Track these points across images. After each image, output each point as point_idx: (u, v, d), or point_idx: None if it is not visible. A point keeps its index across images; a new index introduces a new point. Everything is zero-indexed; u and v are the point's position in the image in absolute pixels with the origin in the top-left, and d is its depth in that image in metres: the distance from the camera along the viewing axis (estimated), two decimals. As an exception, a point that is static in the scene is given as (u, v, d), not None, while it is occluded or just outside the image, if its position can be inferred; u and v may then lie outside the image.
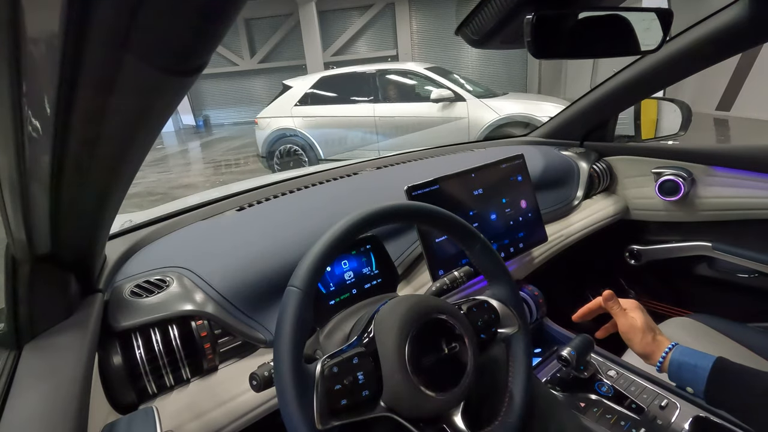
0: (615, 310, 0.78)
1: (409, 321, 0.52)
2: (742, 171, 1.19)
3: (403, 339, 0.51)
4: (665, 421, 0.79)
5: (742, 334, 0.96)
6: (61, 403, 0.44)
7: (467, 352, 0.55)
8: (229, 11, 0.25)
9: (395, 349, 0.51)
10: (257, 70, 14.75)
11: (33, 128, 0.30)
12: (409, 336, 0.51)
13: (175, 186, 6.47)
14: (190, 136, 13.58)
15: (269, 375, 0.53)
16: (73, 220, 0.45)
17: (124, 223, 0.91)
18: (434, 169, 1.14)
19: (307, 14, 12.52)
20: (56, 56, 0.24)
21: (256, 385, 0.53)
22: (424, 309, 0.54)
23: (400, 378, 0.50)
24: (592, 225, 1.29)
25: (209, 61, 0.28)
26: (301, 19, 12.58)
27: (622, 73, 1.24)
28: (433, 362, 0.53)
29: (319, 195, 1.03)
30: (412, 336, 0.52)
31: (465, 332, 0.56)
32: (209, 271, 0.69)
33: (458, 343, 0.55)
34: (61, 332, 0.53)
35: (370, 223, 0.56)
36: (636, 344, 0.75)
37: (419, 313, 0.53)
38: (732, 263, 1.24)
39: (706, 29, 1.00)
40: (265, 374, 0.53)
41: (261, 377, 0.53)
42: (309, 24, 12.61)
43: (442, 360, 0.54)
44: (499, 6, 0.63)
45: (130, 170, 0.42)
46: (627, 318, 0.76)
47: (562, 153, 1.39)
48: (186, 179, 7.04)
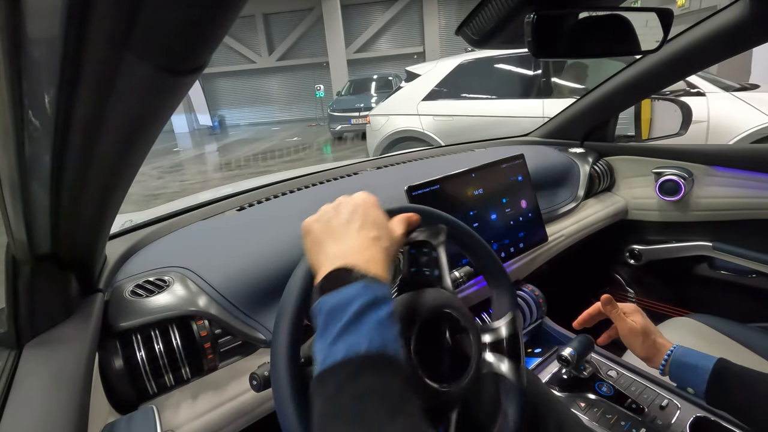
0: (614, 314, 0.78)
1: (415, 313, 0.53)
2: (743, 171, 1.19)
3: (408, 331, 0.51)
4: (665, 421, 0.78)
5: (743, 334, 0.96)
6: (61, 403, 0.44)
7: (471, 345, 0.56)
8: (229, 11, 0.25)
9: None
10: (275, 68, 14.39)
11: (33, 128, 0.30)
12: (415, 328, 0.51)
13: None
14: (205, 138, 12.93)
15: (269, 375, 0.53)
16: (73, 219, 0.45)
17: (125, 223, 0.91)
18: (434, 169, 1.14)
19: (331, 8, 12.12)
20: (57, 56, 0.24)
21: (256, 385, 0.53)
22: (429, 302, 0.54)
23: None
24: (593, 225, 1.29)
25: (209, 61, 0.28)
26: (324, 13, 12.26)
27: (622, 73, 1.24)
28: (437, 354, 0.53)
29: (320, 195, 1.03)
30: (418, 328, 0.52)
31: (469, 325, 0.56)
32: (209, 271, 0.69)
33: (462, 336, 0.55)
34: (61, 332, 0.53)
35: None
36: (637, 348, 0.75)
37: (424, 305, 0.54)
38: (732, 263, 1.24)
39: (706, 29, 1.00)
40: (265, 374, 0.53)
41: (261, 377, 0.53)
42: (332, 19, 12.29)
43: (446, 353, 0.54)
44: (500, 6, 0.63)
45: (130, 170, 0.42)
46: (627, 322, 0.76)
47: (562, 153, 1.39)
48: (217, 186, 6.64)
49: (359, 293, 0.38)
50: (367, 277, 0.39)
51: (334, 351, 0.36)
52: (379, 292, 0.39)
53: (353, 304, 0.37)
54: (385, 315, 0.38)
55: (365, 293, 0.38)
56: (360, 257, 0.42)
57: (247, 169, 7.58)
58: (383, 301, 0.39)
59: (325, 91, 12.84)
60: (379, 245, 0.45)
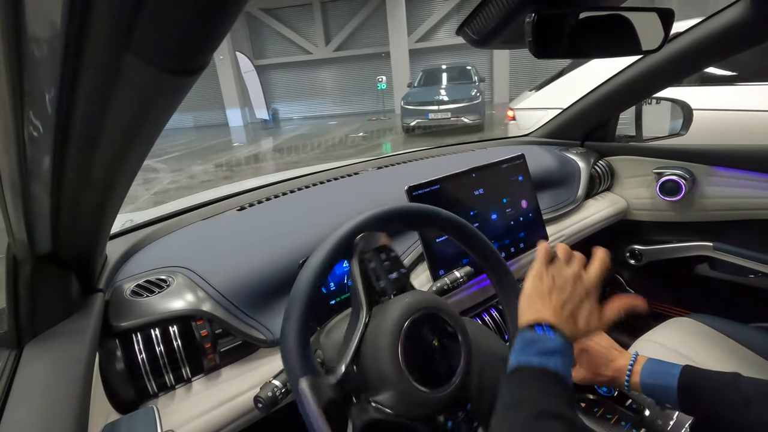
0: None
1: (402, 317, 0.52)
2: (744, 171, 1.19)
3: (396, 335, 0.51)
4: (666, 421, 0.78)
5: (743, 334, 0.96)
6: (61, 403, 0.44)
7: (460, 349, 0.56)
8: (230, 11, 0.25)
9: (389, 346, 0.51)
10: (332, 59, 13.76)
11: (34, 128, 0.30)
12: (401, 332, 0.51)
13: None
14: (261, 133, 11.97)
15: (273, 395, 0.54)
16: (74, 219, 0.45)
17: (125, 223, 0.91)
18: (435, 168, 1.14)
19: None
20: (57, 56, 0.24)
21: (262, 407, 0.54)
22: (416, 305, 0.54)
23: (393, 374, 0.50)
24: (593, 225, 1.29)
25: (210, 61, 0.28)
26: (387, 0, 11.88)
27: (623, 73, 1.24)
28: (426, 359, 0.53)
29: (320, 195, 1.03)
30: (405, 332, 0.52)
31: (457, 329, 0.56)
32: (210, 271, 0.69)
33: (451, 340, 0.55)
34: (61, 332, 0.53)
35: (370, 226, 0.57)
36: (604, 385, 0.76)
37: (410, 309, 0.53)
38: (733, 263, 1.24)
39: (707, 29, 1.00)
40: (269, 395, 0.53)
41: (265, 398, 0.53)
42: (395, 6, 11.86)
43: (435, 356, 0.54)
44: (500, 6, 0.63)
45: (131, 169, 0.42)
46: (574, 372, 0.75)
47: (562, 153, 1.39)
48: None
49: (552, 341, 0.51)
50: (557, 333, 0.51)
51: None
52: (564, 348, 0.51)
53: (543, 344, 0.50)
54: (561, 364, 0.49)
55: (556, 342, 0.51)
56: (559, 319, 0.54)
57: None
58: (566, 352, 0.51)
59: (387, 83, 12.07)
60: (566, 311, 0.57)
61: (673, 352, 0.93)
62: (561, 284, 0.56)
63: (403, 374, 0.50)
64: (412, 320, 0.53)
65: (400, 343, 0.51)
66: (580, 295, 0.56)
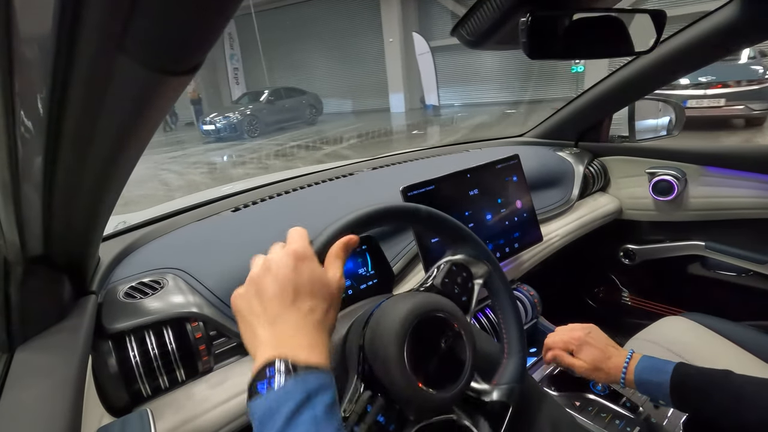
0: (566, 361, 0.78)
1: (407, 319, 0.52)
2: (735, 171, 1.20)
3: (402, 338, 0.51)
4: (659, 419, 0.79)
5: (735, 333, 0.97)
6: (54, 407, 0.43)
7: (465, 348, 0.55)
8: (224, 11, 0.25)
9: (394, 349, 0.50)
10: None
11: (25, 129, 0.30)
12: (407, 334, 0.51)
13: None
14: (427, 120, 10.66)
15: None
16: (66, 221, 0.44)
17: (118, 225, 0.90)
18: (430, 169, 1.14)
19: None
20: (49, 57, 0.24)
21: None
22: (420, 306, 0.54)
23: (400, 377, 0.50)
24: (587, 225, 1.29)
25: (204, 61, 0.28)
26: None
27: (616, 73, 1.25)
28: (432, 360, 0.53)
29: (315, 196, 1.03)
30: (410, 334, 0.51)
31: (462, 328, 0.56)
32: (204, 273, 0.69)
33: (456, 340, 0.55)
34: (54, 335, 0.52)
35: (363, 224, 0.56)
36: (601, 380, 0.76)
37: (416, 311, 0.53)
38: (724, 262, 1.25)
39: (699, 30, 1.01)
40: None
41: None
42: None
43: (441, 357, 0.54)
44: (495, 7, 0.64)
45: (123, 171, 0.41)
46: (578, 364, 0.76)
47: (556, 153, 1.40)
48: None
49: (290, 394, 0.36)
50: (299, 369, 0.37)
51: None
52: (312, 384, 0.37)
53: (283, 410, 0.35)
54: (321, 410, 0.36)
55: (296, 391, 0.36)
56: (291, 343, 0.40)
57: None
58: (318, 392, 0.37)
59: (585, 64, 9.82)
60: (313, 319, 0.42)
61: (667, 350, 0.94)
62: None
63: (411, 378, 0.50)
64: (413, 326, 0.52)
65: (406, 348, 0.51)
66: None
